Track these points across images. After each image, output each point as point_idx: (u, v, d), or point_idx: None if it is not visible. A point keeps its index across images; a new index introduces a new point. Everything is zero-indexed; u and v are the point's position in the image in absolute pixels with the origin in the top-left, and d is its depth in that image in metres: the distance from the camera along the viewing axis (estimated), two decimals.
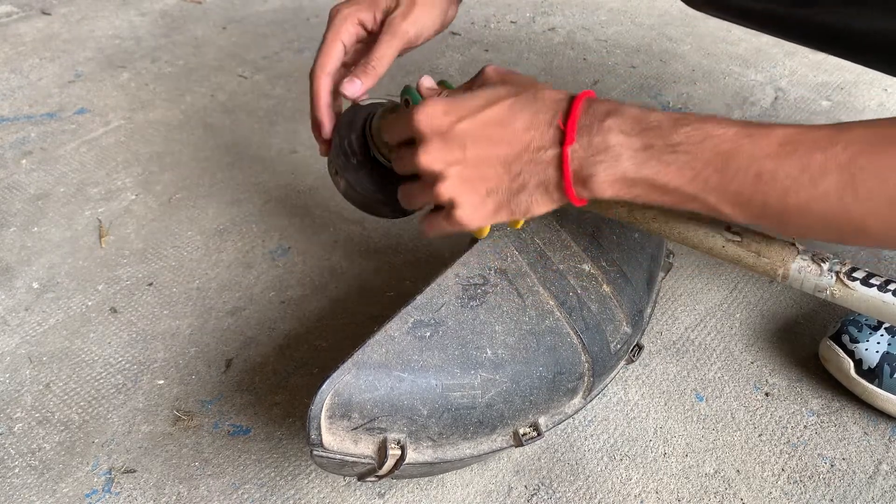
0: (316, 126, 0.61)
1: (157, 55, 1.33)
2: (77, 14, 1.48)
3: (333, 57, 0.60)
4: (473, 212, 0.48)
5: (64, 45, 1.36)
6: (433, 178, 0.47)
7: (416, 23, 0.60)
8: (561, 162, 0.44)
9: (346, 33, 0.60)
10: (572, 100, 0.45)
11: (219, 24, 1.45)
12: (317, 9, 1.51)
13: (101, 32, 1.41)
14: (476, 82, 0.52)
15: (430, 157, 0.46)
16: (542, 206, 0.47)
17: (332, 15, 0.60)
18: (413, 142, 0.49)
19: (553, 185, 0.45)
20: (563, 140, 0.44)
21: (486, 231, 0.56)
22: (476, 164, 0.46)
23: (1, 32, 1.41)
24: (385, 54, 0.58)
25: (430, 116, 0.46)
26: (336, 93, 0.60)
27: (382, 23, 0.60)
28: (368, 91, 0.59)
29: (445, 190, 0.47)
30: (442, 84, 0.55)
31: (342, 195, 0.64)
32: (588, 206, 0.52)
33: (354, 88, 0.57)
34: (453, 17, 0.65)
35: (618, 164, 0.43)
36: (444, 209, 0.49)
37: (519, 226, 0.58)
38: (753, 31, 1.38)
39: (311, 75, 0.60)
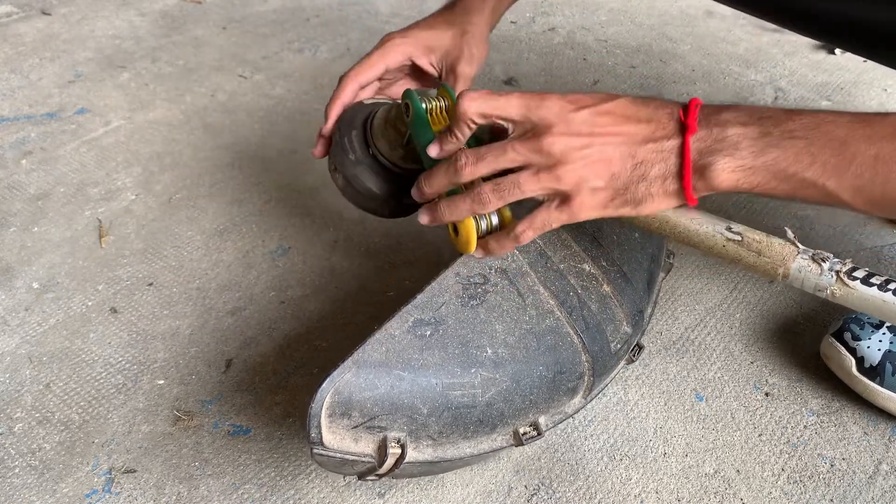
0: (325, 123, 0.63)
1: (157, 55, 1.33)
2: (77, 14, 1.48)
3: (372, 71, 0.63)
4: (592, 197, 0.48)
5: (64, 45, 1.36)
6: (550, 164, 0.47)
7: (477, 64, 0.66)
8: (682, 151, 0.45)
9: (393, 59, 0.64)
10: (686, 104, 0.47)
11: (219, 24, 1.45)
12: (317, 9, 1.51)
13: (101, 32, 1.41)
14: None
15: (554, 139, 0.46)
16: (657, 198, 0.47)
17: (385, 41, 0.64)
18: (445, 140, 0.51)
19: (672, 176, 0.46)
20: (684, 130, 0.45)
21: (473, 246, 0.53)
22: (602, 148, 0.47)
23: (1, 32, 1.41)
24: None
25: (551, 105, 0.47)
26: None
27: (442, 69, 0.66)
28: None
29: (567, 174, 0.47)
30: (444, 89, 0.55)
31: (340, 192, 0.64)
32: None
33: (436, 151, 0.53)
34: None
35: (737, 152, 0.44)
36: (554, 200, 0.48)
37: (471, 250, 0.54)
38: (753, 31, 1.38)
39: (343, 77, 0.63)
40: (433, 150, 0.51)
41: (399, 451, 0.50)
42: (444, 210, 0.51)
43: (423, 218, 0.53)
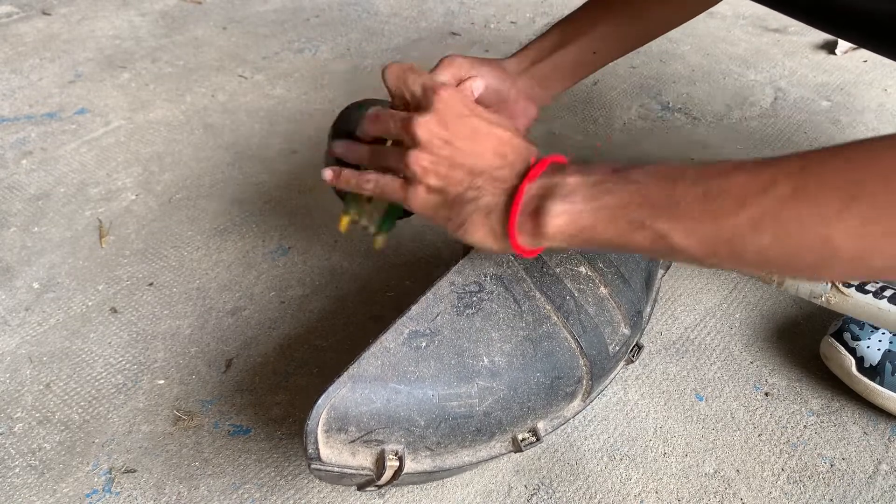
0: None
1: (158, 55, 1.33)
2: (77, 14, 1.48)
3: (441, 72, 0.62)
4: (425, 194, 0.50)
5: (64, 45, 1.36)
6: (413, 145, 0.50)
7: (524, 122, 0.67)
8: (515, 193, 0.46)
9: (452, 75, 0.60)
10: (544, 157, 0.48)
11: (219, 24, 1.45)
12: (317, 9, 1.51)
13: (101, 32, 1.41)
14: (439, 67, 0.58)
15: (425, 125, 0.49)
16: (480, 228, 0.48)
17: (446, 61, 0.62)
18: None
19: (498, 211, 0.47)
20: (525, 175, 0.47)
21: (380, 243, 0.63)
22: (456, 151, 0.49)
23: (1, 32, 1.41)
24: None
25: (448, 92, 0.50)
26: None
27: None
28: None
29: (417, 160, 0.49)
30: None
31: (336, 194, 0.65)
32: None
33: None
34: None
35: (569, 197, 0.44)
36: (404, 177, 0.51)
37: (377, 246, 0.64)
38: (754, 31, 1.38)
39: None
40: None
41: (397, 463, 0.50)
42: (345, 173, 0.57)
43: (326, 174, 0.58)
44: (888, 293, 0.43)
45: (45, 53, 1.33)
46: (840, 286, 0.44)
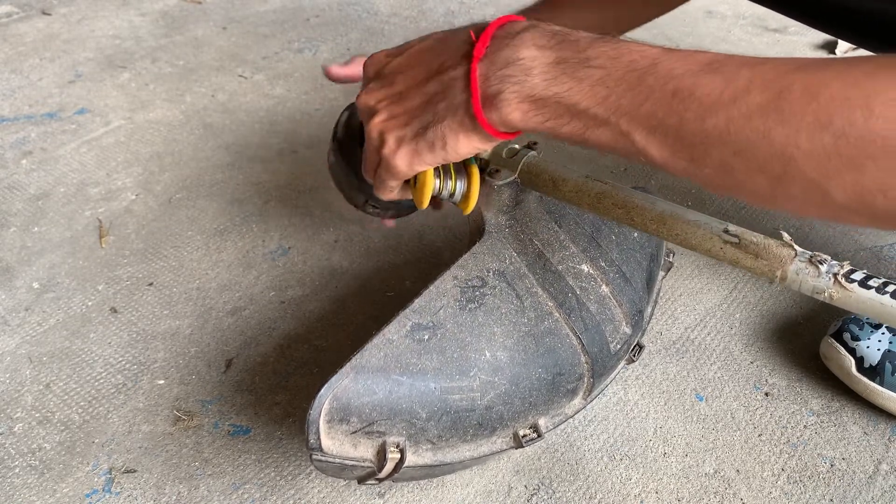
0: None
1: (157, 55, 1.33)
2: (77, 14, 1.48)
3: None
4: (397, 146, 0.45)
5: (64, 45, 1.36)
6: (368, 116, 0.47)
7: None
8: (468, 81, 0.40)
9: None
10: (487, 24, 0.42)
11: (219, 24, 1.45)
12: (317, 9, 1.51)
13: (101, 32, 1.41)
14: None
15: (366, 96, 0.46)
16: (457, 135, 0.43)
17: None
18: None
19: (462, 109, 0.41)
20: (472, 55, 0.40)
21: (426, 200, 0.53)
22: (400, 94, 0.45)
23: (1, 32, 1.41)
24: None
25: (373, 59, 0.47)
26: None
27: None
28: None
29: (374, 126, 0.46)
30: None
31: (338, 191, 0.65)
32: (579, 205, 0.52)
33: None
34: None
35: (527, 80, 0.38)
36: (375, 152, 0.47)
37: (468, 209, 0.55)
38: (754, 31, 1.38)
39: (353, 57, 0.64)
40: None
41: (398, 455, 0.50)
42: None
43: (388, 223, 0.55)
44: (891, 288, 0.43)
45: (45, 53, 1.33)
46: (843, 281, 0.44)
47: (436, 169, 0.52)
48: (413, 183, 0.52)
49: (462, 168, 0.54)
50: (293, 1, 1.54)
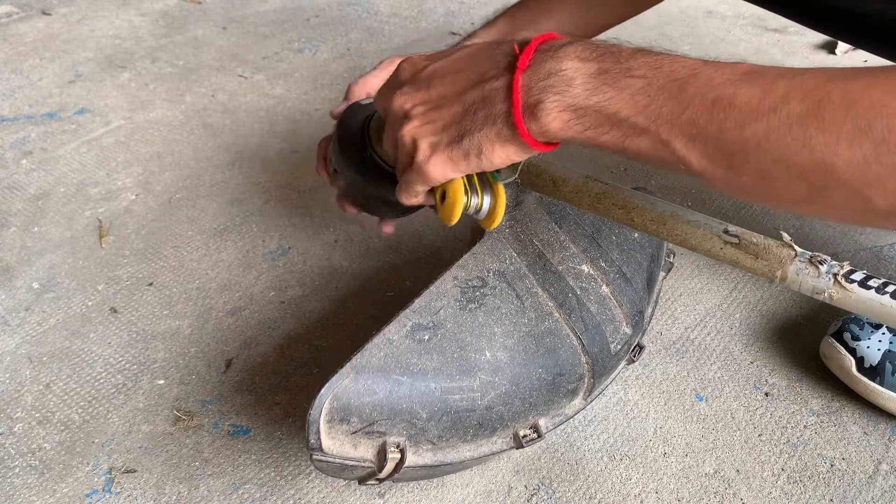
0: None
1: (157, 55, 1.33)
2: (77, 14, 1.48)
3: (376, 81, 0.62)
4: (431, 152, 0.45)
5: (64, 45, 1.36)
6: (398, 123, 0.46)
7: None
8: (510, 91, 0.41)
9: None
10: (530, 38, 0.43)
11: (219, 24, 1.45)
12: (317, 9, 1.51)
13: (101, 32, 1.41)
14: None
15: (401, 98, 0.46)
16: (493, 145, 0.43)
17: (390, 59, 0.61)
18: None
19: (502, 119, 0.42)
20: (514, 67, 0.41)
21: (456, 217, 0.50)
22: (438, 100, 0.45)
23: (1, 32, 1.41)
24: None
25: (411, 61, 0.47)
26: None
27: None
28: None
29: (408, 131, 0.46)
30: None
31: (340, 193, 0.65)
32: (579, 205, 0.51)
33: None
34: None
35: (568, 90, 0.39)
36: (406, 158, 0.47)
37: (493, 225, 0.52)
38: (753, 31, 1.38)
39: (352, 84, 0.63)
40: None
41: (398, 455, 0.50)
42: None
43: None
44: (890, 289, 0.43)
45: (45, 53, 1.33)
46: (843, 281, 0.44)
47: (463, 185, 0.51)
48: (441, 199, 0.51)
49: (487, 184, 0.53)
50: (293, 1, 1.54)
